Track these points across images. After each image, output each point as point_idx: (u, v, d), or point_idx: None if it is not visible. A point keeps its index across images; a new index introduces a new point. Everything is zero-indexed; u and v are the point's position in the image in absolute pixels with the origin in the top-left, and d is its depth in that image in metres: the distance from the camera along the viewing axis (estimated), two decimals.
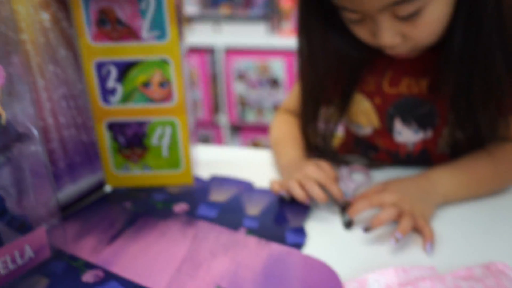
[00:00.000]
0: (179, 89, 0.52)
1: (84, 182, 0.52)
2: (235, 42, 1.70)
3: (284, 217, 0.51)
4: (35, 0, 0.40)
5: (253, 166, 0.65)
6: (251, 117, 1.84)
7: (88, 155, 0.52)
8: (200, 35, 1.77)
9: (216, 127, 1.93)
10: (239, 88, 1.78)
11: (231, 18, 1.74)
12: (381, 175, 0.60)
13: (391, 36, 0.48)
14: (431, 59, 0.56)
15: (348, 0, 0.47)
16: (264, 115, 1.82)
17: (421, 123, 0.59)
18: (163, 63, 0.50)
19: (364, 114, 0.62)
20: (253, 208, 0.53)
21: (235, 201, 0.55)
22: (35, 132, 0.37)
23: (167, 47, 0.49)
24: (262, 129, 1.90)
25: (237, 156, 0.69)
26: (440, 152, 0.61)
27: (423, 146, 0.61)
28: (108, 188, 0.57)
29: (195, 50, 1.73)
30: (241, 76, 1.76)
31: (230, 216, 0.51)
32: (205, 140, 1.98)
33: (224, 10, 1.78)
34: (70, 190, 0.50)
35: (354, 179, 0.59)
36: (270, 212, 0.52)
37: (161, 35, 0.48)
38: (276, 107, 1.79)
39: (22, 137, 0.37)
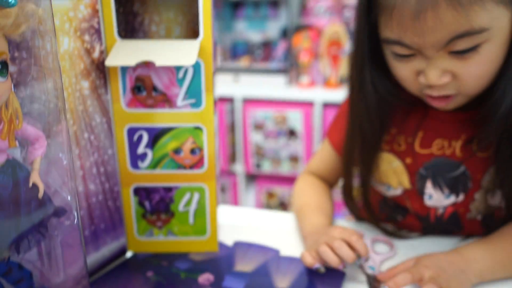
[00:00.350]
0: (210, 156, 0.51)
1: (106, 249, 0.50)
2: (253, 93, 1.72)
3: None
4: (78, 70, 0.41)
5: (277, 230, 0.62)
6: (267, 167, 1.83)
7: (113, 220, 0.50)
8: (220, 85, 1.80)
9: (232, 175, 1.92)
10: (256, 137, 1.79)
11: (250, 70, 1.77)
12: (406, 245, 0.57)
13: (439, 75, 0.47)
14: (465, 120, 0.55)
15: (407, 34, 0.45)
16: (280, 165, 1.81)
17: (453, 187, 0.57)
18: (196, 130, 0.49)
19: (395, 174, 0.60)
20: (282, 280, 0.50)
21: (263, 271, 0.52)
22: (72, 205, 0.36)
23: (201, 114, 0.48)
24: (278, 178, 1.88)
25: (259, 219, 0.66)
26: (471, 218, 0.59)
27: (454, 210, 0.58)
28: (129, 253, 0.55)
29: None
30: (258, 126, 1.77)
31: None
32: (222, 188, 1.96)
33: (244, 62, 1.82)
34: (93, 258, 0.48)
35: (378, 251, 0.56)
36: (300, 285, 0.48)
37: (196, 103, 0.48)
38: (292, 158, 1.77)
39: (58, 211, 0.35)
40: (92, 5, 0.41)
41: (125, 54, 0.42)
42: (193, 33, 0.52)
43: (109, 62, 0.41)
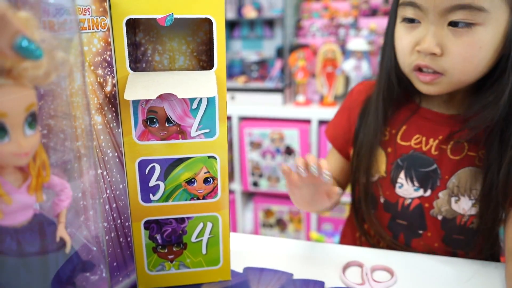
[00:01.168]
0: (223, 184, 0.50)
1: None
2: (249, 112, 1.72)
3: None
4: (92, 105, 0.39)
5: (286, 255, 0.61)
6: (264, 185, 1.82)
7: (124, 257, 0.48)
8: None
9: (229, 193, 1.90)
10: (252, 156, 1.78)
11: (246, 89, 1.78)
12: (407, 272, 0.56)
13: (433, 43, 0.52)
14: (446, 121, 0.60)
15: None
16: (277, 183, 1.80)
17: (423, 182, 0.61)
18: (209, 159, 0.48)
19: (376, 162, 0.65)
20: None
21: None
22: (99, 258, 0.34)
23: (215, 143, 0.47)
24: (275, 196, 1.86)
25: (266, 245, 0.65)
26: (434, 215, 0.62)
27: (420, 202, 0.62)
28: None
29: None
30: (255, 145, 1.76)
31: None
32: None
33: (240, 81, 1.82)
34: None
35: (378, 279, 0.55)
36: None
37: (211, 133, 0.47)
38: None
39: (86, 265, 0.33)
40: (105, 38, 0.41)
41: (143, 87, 0.41)
42: (197, 62, 0.52)
43: (129, 96, 0.40)
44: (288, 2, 1.72)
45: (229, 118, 1.77)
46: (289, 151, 1.73)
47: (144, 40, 0.50)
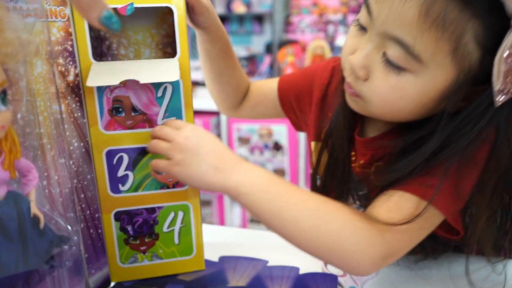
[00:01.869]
0: None
1: (91, 281, 0.48)
2: None
3: None
4: (53, 92, 0.40)
5: (262, 245, 0.62)
6: None
7: (95, 250, 0.48)
8: (204, 99, 1.79)
9: None
10: (241, 151, 1.78)
11: None
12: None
13: (361, 63, 0.45)
14: (365, 144, 0.55)
15: (377, 1, 0.43)
16: None
17: (363, 202, 0.56)
18: None
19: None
20: None
21: (258, 283, 0.52)
22: (71, 233, 0.35)
23: None
24: None
25: (242, 236, 0.66)
26: None
27: None
28: (114, 283, 0.53)
29: (199, 114, 1.75)
30: (244, 140, 1.76)
31: None
32: (207, 202, 1.94)
33: None
34: None
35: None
36: None
37: None
38: (278, 172, 1.77)
39: (62, 239, 0.35)
40: (65, 28, 0.41)
41: (106, 74, 0.41)
42: (163, 54, 0.52)
43: (91, 83, 0.40)
44: None
45: (217, 114, 1.77)
46: (277, 146, 1.74)
47: (108, 34, 0.50)
